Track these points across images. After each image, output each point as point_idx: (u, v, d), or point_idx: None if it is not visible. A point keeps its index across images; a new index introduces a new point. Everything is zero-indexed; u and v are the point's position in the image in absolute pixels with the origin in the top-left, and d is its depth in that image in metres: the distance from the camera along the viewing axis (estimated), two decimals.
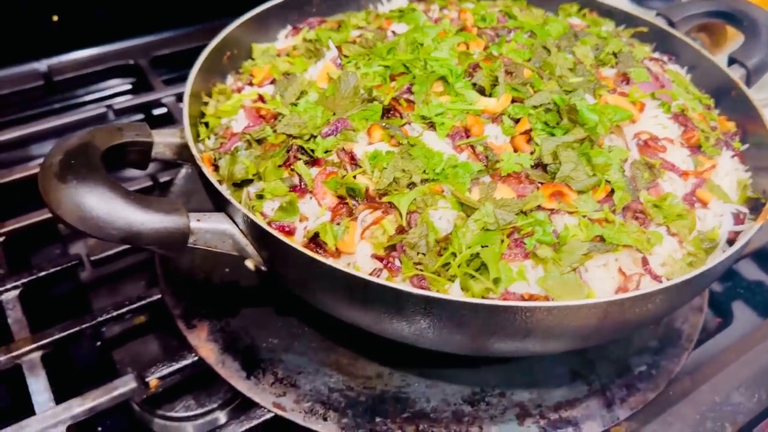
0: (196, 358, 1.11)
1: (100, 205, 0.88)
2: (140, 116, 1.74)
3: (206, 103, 1.25)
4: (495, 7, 1.46)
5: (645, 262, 0.96)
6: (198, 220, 0.95)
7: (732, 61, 1.36)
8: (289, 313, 1.19)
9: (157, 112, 1.74)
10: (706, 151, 1.14)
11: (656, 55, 1.39)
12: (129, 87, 1.88)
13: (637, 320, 0.94)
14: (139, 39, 1.91)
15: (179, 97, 1.72)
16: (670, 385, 1.13)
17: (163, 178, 1.47)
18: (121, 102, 1.69)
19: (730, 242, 1.05)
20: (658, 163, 1.07)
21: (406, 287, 0.85)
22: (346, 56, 1.23)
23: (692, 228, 1.02)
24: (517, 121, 1.09)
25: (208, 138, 1.18)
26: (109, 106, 1.67)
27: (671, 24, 1.46)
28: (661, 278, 0.96)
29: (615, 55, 1.28)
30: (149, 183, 1.46)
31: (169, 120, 1.68)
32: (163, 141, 1.09)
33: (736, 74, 1.31)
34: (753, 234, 0.98)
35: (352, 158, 1.04)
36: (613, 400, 1.09)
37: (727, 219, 1.06)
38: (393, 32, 1.31)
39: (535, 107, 1.10)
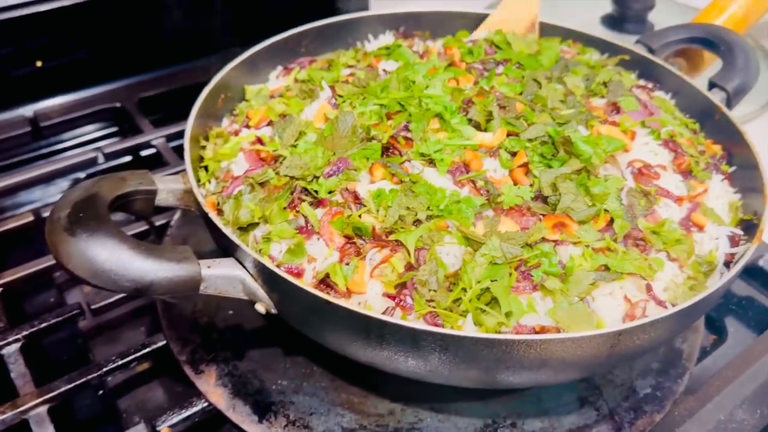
0: (206, 404, 1.11)
1: (112, 257, 0.89)
2: (129, 158, 1.74)
3: (204, 147, 1.26)
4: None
5: (649, 288, 0.99)
6: (209, 267, 0.96)
7: (712, 85, 1.40)
8: (297, 353, 1.19)
9: (145, 153, 1.74)
10: (697, 175, 1.17)
11: (641, 82, 1.43)
12: (116, 129, 1.88)
13: (645, 345, 0.96)
14: (124, 81, 1.92)
15: (168, 138, 1.72)
16: (675, 406, 1.15)
17: (159, 222, 1.47)
18: (110, 145, 1.68)
19: (727, 264, 1.08)
20: (654, 190, 1.10)
21: (423, 326, 0.86)
22: (340, 96, 1.25)
23: (691, 252, 1.04)
24: (513, 154, 1.12)
25: (209, 182, 1.18)
26: (98, 149, 1.67)
27: (651, 51, 1.50)
28: (665, 303, 0.99)
29: (605, 84, 1.31)
30: (145, 227, 1.45)
31: (159, 161, 1.68)
32: (167, 188, 1.09)
33: (717, 98, 1.36)
34: (750, 256, 1.01)
35: (356, 197, 1.05)
36: (622, 424, 1.11)
37: (723, 241, 1.09)
38: (384, 70, 1.34)
39: (530, 140, 1.12)
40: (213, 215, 1.01)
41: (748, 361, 1.23)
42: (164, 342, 1.20)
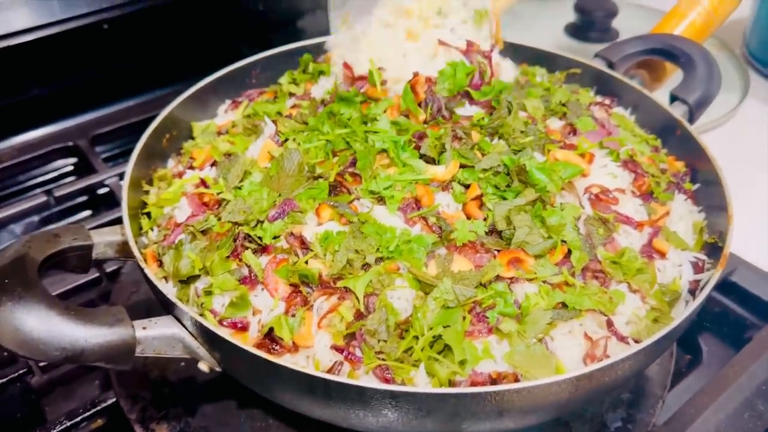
0: None
1: (40, 325, 0.84)
2: (84, 198, 1.69)
3: (147, 192, 1.21)
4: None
5: (610, 324, 0.94)
6: (144, 328, 0.90)
7: (674, 98, 1.36)
8: (252, 405, 1.13)
9: (101, 192, 1.69)
10: (658, 197, 1.13)
11: (599, 98, 1.38)
12: (71, 168, 1.82)
13: (608, 386, 0.91)
14: (77, 118, 1.86)
15: (122, 177, 1.66)
16: None
17: (110, 268, 1.42)
18: (62, 187, 1.63)
19: (692, 291, 1.04)
20: (612, 216, 1.05)
21: (369, 383, 0.82)
22: (282, 133, 1.19)
23: (653, 282, 1.00)
24: (467, 186, 1.07)
25: (152, 230, 1.13)
26: (48, 192, 1.61)
27: (611, 65, 1.46)
28: (627, 339, 0.94)
29: (564, 104, 1.26)
30: (96, 274, 1.40)
31: (113, 201, 1.63)
32: (104, 241, 1.04)
33: (679, 111, 1.32)
34: (715, 283, 0.97)
35: (302, 242, 1.00)
36: None
37: (687, 268, 1.05)
38: (323, 101, 1.28)
39: (485, 170, 1.08)
40: (147, 270, 0.96)
41: (723, 385, 1.18)
42: (114, 399, 1.15)
